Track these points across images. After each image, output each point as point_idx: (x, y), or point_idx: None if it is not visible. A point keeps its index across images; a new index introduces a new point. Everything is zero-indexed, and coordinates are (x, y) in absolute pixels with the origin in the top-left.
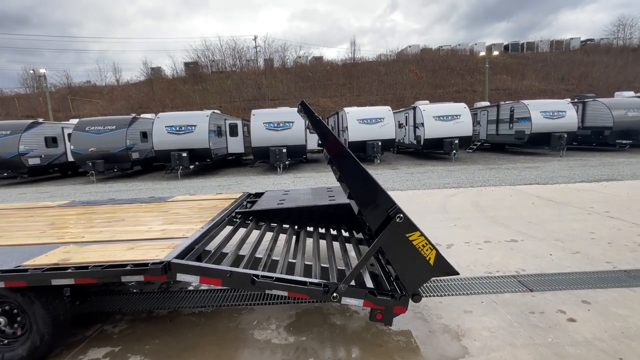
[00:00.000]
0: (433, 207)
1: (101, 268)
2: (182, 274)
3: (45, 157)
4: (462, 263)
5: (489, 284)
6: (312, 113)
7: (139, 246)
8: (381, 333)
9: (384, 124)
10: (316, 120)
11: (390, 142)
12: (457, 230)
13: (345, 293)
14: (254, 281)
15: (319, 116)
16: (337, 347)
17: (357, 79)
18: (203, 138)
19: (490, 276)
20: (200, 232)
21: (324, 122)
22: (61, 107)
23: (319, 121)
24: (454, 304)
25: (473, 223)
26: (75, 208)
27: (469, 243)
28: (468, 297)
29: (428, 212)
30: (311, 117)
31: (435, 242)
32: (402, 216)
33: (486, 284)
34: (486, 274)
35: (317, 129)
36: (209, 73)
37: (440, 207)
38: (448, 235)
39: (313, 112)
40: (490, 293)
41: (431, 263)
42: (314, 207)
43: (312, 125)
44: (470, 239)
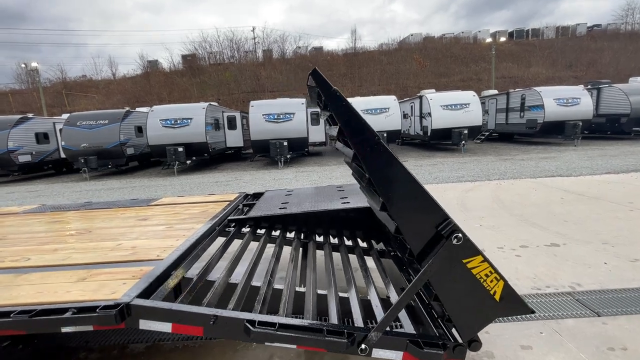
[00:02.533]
0: (451, 204)
1: (28, 316)
2: (146, 320)
3: (37, 154)
4: None
5: (542, 304)
6: (328, 86)
7: (95, 274)
8: None
9: (389, 114)
10: (334, 96)
11: (395, 134)
12: (485, 233)
13: (378, 344)
14: (248, 330)
15: (337, 89)
16: None
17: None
18: (199, 131)
19: (541, 293)
20: (180, 250)
21: (344, 97)
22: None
23: (338, 96)
24: (504, 335)
25: (501, 223)
26: (42, 215)
27: (503, 248)
28: (521, 324)
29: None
30: (326, 90)
31: None
32: (462, 236)
33: (539, 304)
34: (534, 291)
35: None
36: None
37: (459, 204)
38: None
39: (329, 84)
40: (548, 318)
41: (497, 298)
42: (324, 212)
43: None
44: (503, 243)
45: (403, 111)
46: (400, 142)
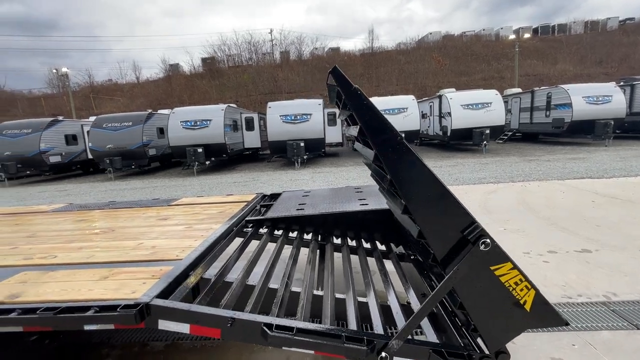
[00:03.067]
0: (472, 206)
1: (53, 313)
2: (165, 320)
3: (66, 155)
4: None
5: (574, 314)
6: (348, 84)
7: (116, 273)
8: None
9: (407, 114)
10: (355, 94)
11: (414, 134)
12: (510, 237)
13: (399, 352)
14: (265, 334)
15: (358, 87)
16: None
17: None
18: (218, 133)
19: (572, 302)
20: (199, 251)
21: (365, 95)
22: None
23: (358, 94)
24: (533, 345)
25: (527, 226)
26: (69, 213)
27: (529, 254)
28: (551, 334)
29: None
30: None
31: None
32: (489, 242)
33: (571, 314)
34: (565, 299)
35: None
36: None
37: (481, 207)
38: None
39: (350, 83)
40: (582, 330)
41: (527, 308)
42: (342, 213)
43: (349, 101)
44: (530, 248)
45: (422, 111)
46: (419, 142)
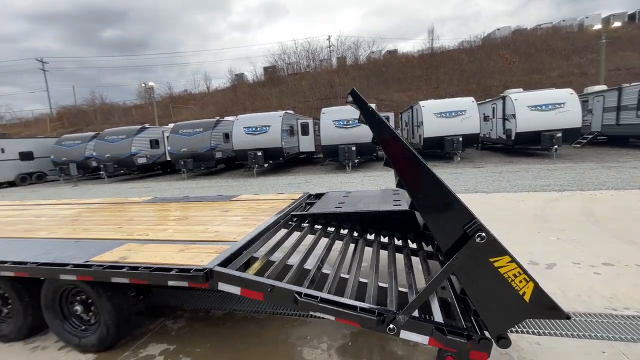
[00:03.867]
0: (527, 214)
1: (149, 271)
2: (223, 283)
3: (150, 157)
4: (570, 291)
5: (612, 325)
6: (364, 103)
7: (190, 248)
8: None
9: (465, 117)
10: (369, 112)
11: (473, 137)
12: (562, 246)
13: (406, 326)
14: (296, 300)
15: (371, 106)
16: None
17: (436, 69)
18: (276, 137)
19: (615, 314)
20: (251, 235)
21: (378, 113)
22: (165, 114)
23: (372, 112)
24: (558, 349)
25: (585, 237)
26: (155, 204)
27: (580, 264)
28: (580, 341)
29: (520, 219)
30: (363, 107)
31: (529, 259)
32: (485, 235)
33: (608, 325)
34: (608, 310)
35: (369, 122)
36: (285, 75)
37: (537, 215)
38: (548, 251)
39: (365, 102)
40: (617, 340)
41: (526, 299)
42: (375, 212)
43: (365, 118)
44: (582, 258)
45: (483, 113)
46: (480, 146)
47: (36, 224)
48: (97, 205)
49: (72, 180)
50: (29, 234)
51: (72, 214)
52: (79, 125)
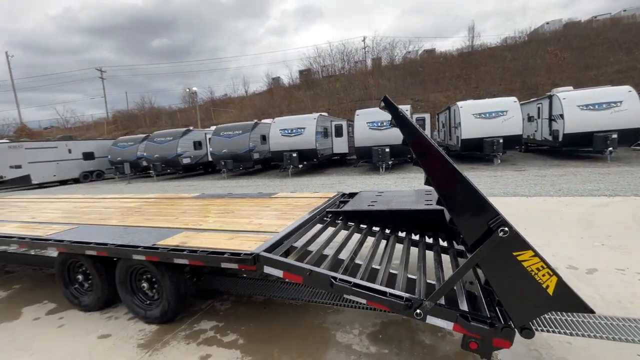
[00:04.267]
0: (571, 219)
1: (206, 253)
2: (268, 266)
3: (194, 157)
4: (610, 296)
5: None
6: (395, 108)
7: (238, 237)
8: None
9: (507, 117)
10: (399, 116)
11: (515, 139)
12: (606, 252)
13: (432, 312)
14: (332, 284)
15: (402, 111)
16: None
17: (476, 68)
18: (311, 139)
19: None
20: (290, 228)
21: (408, 117)
22: (206, 117)
23: (402, 117)
24: (590, 349)
25: (634, 245)
26: (203, 199)
27: (624, 271)
28: (614, 343)
29: (563, 224)
30: (394, 112)
31: (569, 264)
32: (507, 230)
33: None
34: None
35: (400, 126)
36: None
37: (582, 220)
38: (591, 256)
39: (396, 108)
40: None
41: (549, 292)
42: (407, 210)
43: (395, 122)
44: (627, 265)
45: (527, 113)
46: (523, 148)
47: (106, 214)
48: (154, 199)
49: (126, 178)
50: (103, 222)
51: (135, 206)
52: (130, 128)
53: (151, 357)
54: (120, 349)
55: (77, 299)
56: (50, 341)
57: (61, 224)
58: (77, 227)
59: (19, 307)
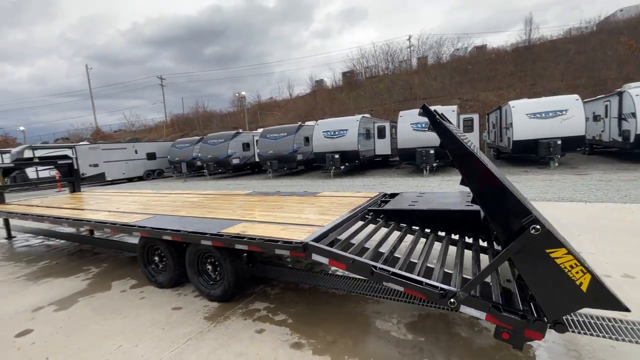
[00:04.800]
0: (635, 227)
1: (263, 241)
2: (315, 254)
3: (242, 158)
4: None
5: None
6: (432, 115)
7: (289, 228)
8: (511, 357)
9: (566, 117)
10: (436, 123)
11: (576, 140)
12: None
13: (465, 301)
14: (372, 272)
15: (439, 117)
16: (456, 356)
17: (533, 64)
18: (353, 141)
19: None
20: (334, 222)
21: (444, 123)
22: (254, 120)
23: (438, 122)
24: (635, 354)
25: None
26: (255, 196)
27: None
28: None
29: (623, 232)
30: (432, 119)
31: (625, 272)
32: (540, 227)
33: None
34: None
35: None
36: (363, 79)
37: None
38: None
39: (434, 115)
40: None
41: (583, 289)
42: (447, 211)
43: (433, 127)
44: None
45: (593, 112)
46: (587, 150)
47: (175, 206)
48: (212, 195)
49: (182, 176)
50: (174, 213)
51: (197, 201)
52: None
53: (215, 327)
54: (190, 319)
55: (153, 277)
56: (135, 309)
57: (140, 213)
58: (153, 217)
59: (109, 281)
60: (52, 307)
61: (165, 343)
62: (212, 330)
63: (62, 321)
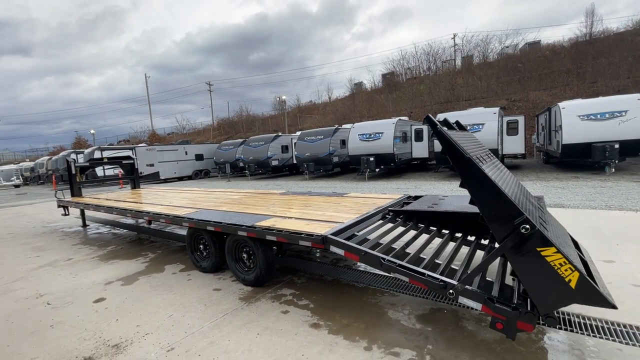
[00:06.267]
0: None
1: (289, 233)
2: (333, 246)
3: (281, 160)
4: None
5: None
6: (435, 125)
7: (312, 224)
8: (513, 351)
9: (626, 118)
10: (437, 132)
11: (637, 144)
12: None
13: (463, 293)
14: (381, 263)
15: (441, 128)
16: (459, 346)
17: (594, 60)
18: (388, 144)
19: None
20: (354, 220)
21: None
22: (293, 123)
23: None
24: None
25: None
26: (288, 195)
27: None
28: None
29: None
30: (434, 129)
31: None
32: (529, 227)
33: None
34: None
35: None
36: (403, 81)
37: None
38: None
39: (436, 125)
40: None
41: (572, 286)
42: (464, 213)
43: (436, 136)
44: None
45: None
46: None
47: (218, 202)
48: (250, 193)
49: (226, 176)
50: (217, 207)
51: (237, 198)
52: (230, 133)
53: (248, 306)
54: (227, 298)
55: (198, 262)
56: (183, 287)
57: (189, 207)
58: (199, 211)
59: (162, 264)
60: (119, 282)
61: (206, 315)
62: (244, 309)
63: (127, 293)
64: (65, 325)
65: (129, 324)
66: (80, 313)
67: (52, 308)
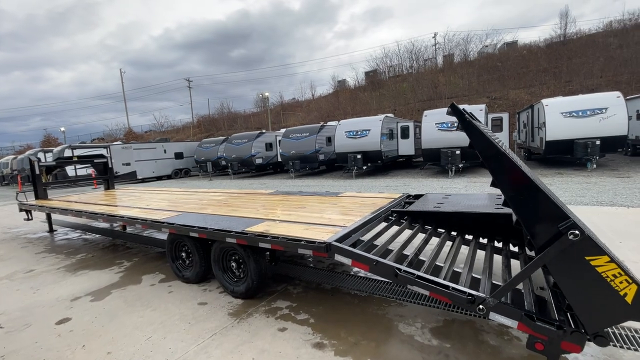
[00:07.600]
0: None
1: (286, 240)
2: (338, 254)
3: (265, 158)
4: None
5: None
6: (462, 114)
7: (312, 228)
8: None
9: (606, 115)
10: (466, 122)
11: (616, 140)
12: None
13: (495, 308)
14: (397, 274)
15: (469, 117)
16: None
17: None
18: (375, 141)
19: None
20: (357, 223)
21: (474, 123)
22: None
23: (468, 122)
24: None
25: None
26: (278, 196)
27: None
28: None
29: None
30: (461, 118)
31: None
32: (578, 233)
33: None
34: None
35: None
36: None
37: None
38: None
39: (463, 114)
40: None
41: (628, 301)
42: (475, 213)
43: (464, 128)
44: None
45: (637, 110)
46: (630, 151)
47: (201, 204)
48: (236, 194)
49: (208, 175)
50: (201, 210)
51: (222, 199)
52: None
53: (239, 324)
54: (215, 314)
55: (180, 272)
56: (164, 302)
57: (168, 211)
58: (181, 214)
59: (139, 274)
60: (88, 297)
61: (191, 337)
62: (235, 327)
63: (97, 311)
64: (19, 356)
65: (98, 350)
66: (39, 338)
67: (5, 333)
